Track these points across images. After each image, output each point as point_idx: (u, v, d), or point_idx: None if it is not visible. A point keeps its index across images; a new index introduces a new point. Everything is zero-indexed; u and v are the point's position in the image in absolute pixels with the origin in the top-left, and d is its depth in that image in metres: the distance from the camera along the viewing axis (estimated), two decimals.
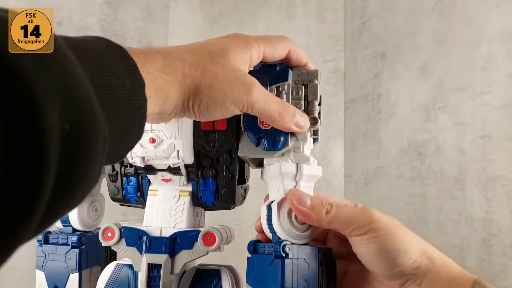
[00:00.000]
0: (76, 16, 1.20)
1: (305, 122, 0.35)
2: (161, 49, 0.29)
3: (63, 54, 0.19)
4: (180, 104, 0.29)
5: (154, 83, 0.26)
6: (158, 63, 0.27)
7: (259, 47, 0.34)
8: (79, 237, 0.43)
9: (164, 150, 0.37)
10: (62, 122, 0.18)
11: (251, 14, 1.38)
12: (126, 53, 0.25)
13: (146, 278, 0.37)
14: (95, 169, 0.21)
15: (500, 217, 0.95)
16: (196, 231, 0.38)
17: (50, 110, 0.17)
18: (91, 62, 0.22)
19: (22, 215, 0.17)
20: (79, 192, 0.20)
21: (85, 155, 0.19)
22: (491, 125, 0.97)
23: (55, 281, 0.43)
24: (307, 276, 0.34)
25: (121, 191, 0.41)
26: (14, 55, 0.17)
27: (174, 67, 0.28)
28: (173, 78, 0.28)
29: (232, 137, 0.38)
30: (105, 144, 0.21)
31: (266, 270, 0.35)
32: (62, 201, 0.19)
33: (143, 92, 0.25)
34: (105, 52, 0.23)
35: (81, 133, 0.19)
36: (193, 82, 0.29)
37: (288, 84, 0.37)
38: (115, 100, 0.23)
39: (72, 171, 0.19)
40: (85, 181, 0.20)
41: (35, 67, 0.17)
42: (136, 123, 0.25)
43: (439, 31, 1.09)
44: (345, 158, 1.32)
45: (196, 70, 0.29)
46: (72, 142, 0.18)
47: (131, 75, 0.24)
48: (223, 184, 0.39)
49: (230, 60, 0.31)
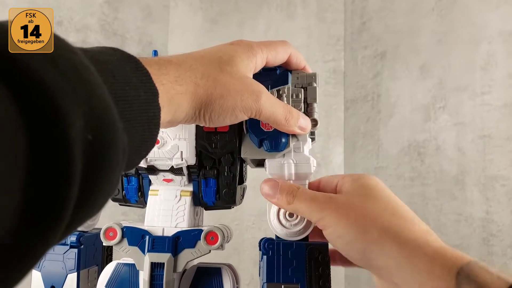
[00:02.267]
0: (76, 16, 1.20)
1: (307, 124, 0.37)
2: (173, 60, 0.30)
3: (84, 66, 0.20)
4: (192, 114, 0.30)
5: (167, 94, 0.27)
6: (171, 74, 0.28)
7: (263, 53, 0.35)
8: (78, 237, 0.43)
9: (168, 151, 0.38)
10: (85, 132, 0.18)
11: (251, 14, 1.38)
12: (140, 63, 0.25)
13: (149, 277, 0.37)
14: (115, 178, 0.21)
15: (500, 217, 0.95)
16: (199, 230, 0.39)
17: (74, 121, 0.17)
18: (108, 74, 0.22)
19: (50, 224, 0.17)
20: (99, 201, 0.21)
21: (106, 164, 0.20)
22: (491, 125, 0.98)
23: (52, 281, 0.43)
24: (292, 272, 0.36)
25: (121, 191, 0.42)
26: (40, 67, 0.17)
27: (186, 78, 0.29)
28: (186, 89, 0.29)
29: (234, 138, 0.39)
30: (124, 153, 0.21)
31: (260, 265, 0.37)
32: (84, 209, 0.19)
33: (157, 102, 0.25)
34: (119, 63, 0.24)
35: (103, 143, 0.19)
36: (205, 92, 0.30)
37: (288, 87, 0.38)
38: (130, 110, 0.23)
39: (94, 180, 0.19)
40: (105, 190, 0.20)
41: (59, 79, 0.17)
42: (151, 131, 0.25)
43: (439, 31, 1.09)
44: (345, 158, 1.32)
45: (208, 80, 0.30)
46: (94, 152, 0.19)
47: (145, 85, 0.25)
48: (224, 185, 0.40)
49: (238, 68, 0.32)
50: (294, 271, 0.36)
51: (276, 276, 0.36)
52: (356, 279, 1.22)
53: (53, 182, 0.16)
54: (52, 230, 0.17)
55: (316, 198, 0.34)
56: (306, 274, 0.36)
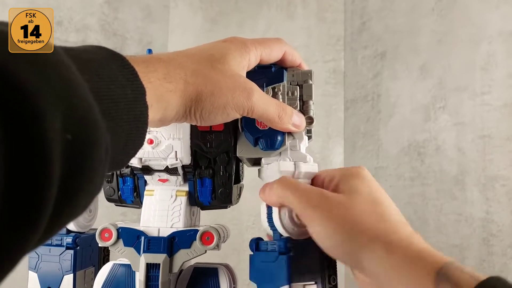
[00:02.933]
0: (76, 16, 1.20)
1: (301, 122, 0.36)
2: (163, 57, 0.29)
3: (65, 65, 0.20)
4: (182, 111, 0.30)
5: (155, 92, 0.27)
6: (159, 71, 0.28)
7: (257, 50, 0.35)
8: (74, 238, 0.43)
9: (162, 151, 0.37)
10: (64, 132, 0.18)
11: (251, 14, 1.38)
12: (126, 61, 0.25)
13: (145, 278, 0.37)
14: (98, 178, 0.21)
15: (500, 217, 0.94)
16: (194, 231, 0.39)
17: (52, 121, 0.17)
18: (92, 72, 0.22)
19: (26, 226, 0.17)
20: (82, 201, 0.20)
21: (87, 164, 0.20)
22: (491, 125, 0.97)
23: (49, 282, 0.43)
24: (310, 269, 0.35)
25: (116, 191, 0.42)
26: (17, 68, 0.17)
27: (176, 76, 0.28)
28: (175, 87, 0.28)
29: (229, 137, 0.38)
30: (107, 153, 0.21)
31: (271, 267, 0.36)
32: (66, 210, 0.19)
33: (144, 100, 0.25)
34: (105, 61, 0.24)
35: (83, 143, 0.19)
36: (195, 90, 0.29)
37: (284, 85, 0.38)
38: (116, 108, 0.23)
39: (75, 181, 0.19)
40: (87, 190, 0.20)
41: (37, 78, 0.17)
42: (138, 130, 0.25)
43: (439, 31, 1.09)
44: (345, 158, 1.32)
45: (198, 78, 0.30)
46: (74, 152, 0.18)
47: (132, 83, 0.25)
48: (220, 184, 0.40)
49: (230, 65, 0.32)
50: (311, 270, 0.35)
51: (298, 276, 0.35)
52: None
53: (29, 184, 0.16)
54: (29, 232, 0.17)
55: (307, 192, 0.33)
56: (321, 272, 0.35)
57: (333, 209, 0.32)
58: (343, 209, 0.32)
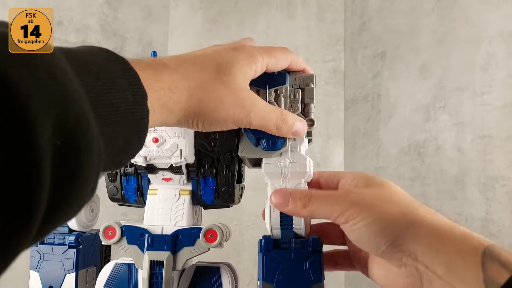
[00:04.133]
0: (76, 16, 1.20)
1: (303, 127, 0.37)
2: (169, 64, 0.29)
3: (60, 69, 0.20)
4: (184, 121, 0.31)
5: (159, 100, 0.27)
6: (164, 81, 0.28)
7: (264, 60, 0.35)
8: (77, 237, 0.43)
9: (167, 150, 0.38)
10: (55, 138, 0.18)
11: (251, 14, 1.38)
12: (129, 65, 0.25)
13: (148, 275, 0.37)
14: (90, 182, 0.21)
15: (500, 217, 0.95)
16: (198, 228, 0.39)
17: (42, 127, 0.17)
18: (91, 76, 0.22)
19: (18, 229, 0.17)
20: (74, 205, 0.21)
21: (79, 170, 0.20)
22: (491, 125, 0.97)
23: (51, 282, 0.43)
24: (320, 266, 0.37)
25: (120, 190, 0.42)
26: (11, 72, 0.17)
27: (180, 87, 0.29)
28: (179, 97, 0.29)
29: (232, 137, 0.39)
30: (100, 157, 0.21)
31: (299, 266, 0.36)
32: (58, 214, 0.19)
33: (145, 104, 0.25)
34: (106, 64, 0.24)
35: (73, 149, 0.19)
36: (198, 102, 0.30)
37: (286, 87, 0.39)
38: (115, 112, 0.23)
39: (67, 186, 0.19)
40: (80, 194, 0.20)
41: (30, 84, 0.17)
42: (138, 134, 0.25)
43: (439, 31, 1.09)
44: (345, 158, 1.32)
45: (202, 91, 0.30)
46: (65, 158, 0.18)
47: (133, 87, 0.25)
48: (223, 183, 0.40)
49: (235, 77, 0.32)
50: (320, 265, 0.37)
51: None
52: (357, 279, 1.22)
53: (20, 190, 0.16)
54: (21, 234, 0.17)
55: (333, 195, 0.34)
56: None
57: (364, 200, 0.33)
58: (378, 198, 0.33)
